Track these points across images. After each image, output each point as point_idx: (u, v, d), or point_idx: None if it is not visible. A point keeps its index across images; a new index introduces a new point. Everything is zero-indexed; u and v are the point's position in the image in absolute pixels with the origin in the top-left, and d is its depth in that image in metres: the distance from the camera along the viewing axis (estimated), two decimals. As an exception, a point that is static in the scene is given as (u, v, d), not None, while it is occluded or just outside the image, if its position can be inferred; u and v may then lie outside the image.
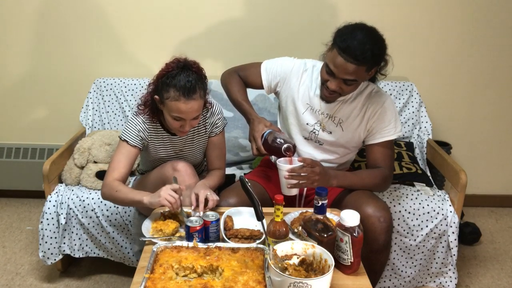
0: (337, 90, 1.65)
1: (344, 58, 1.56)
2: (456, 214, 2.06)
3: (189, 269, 1.27)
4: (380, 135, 1.77)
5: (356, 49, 1.54)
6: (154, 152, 1.87)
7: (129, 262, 2.19)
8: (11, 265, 2.33)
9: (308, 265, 1.25)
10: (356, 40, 1.55)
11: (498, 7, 2.59)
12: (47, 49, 2.70)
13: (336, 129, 1.80)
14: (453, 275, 2.13)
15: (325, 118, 1.80)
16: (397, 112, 1.80)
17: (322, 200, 1.32)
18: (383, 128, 1.76)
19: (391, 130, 1.76)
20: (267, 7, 2.63)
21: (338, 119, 1.79)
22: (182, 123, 1.67)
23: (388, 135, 1.76)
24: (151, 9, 2.61)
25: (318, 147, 1.85)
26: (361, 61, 1.55)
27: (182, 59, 1.67)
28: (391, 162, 1.80)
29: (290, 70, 1.85)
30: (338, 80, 1.62)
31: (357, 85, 1.69)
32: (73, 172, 2.23)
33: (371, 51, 1.55)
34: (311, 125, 1.83)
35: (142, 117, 1.78)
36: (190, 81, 1.61)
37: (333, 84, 1.64)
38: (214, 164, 1.91)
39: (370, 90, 1.79)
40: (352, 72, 1.58)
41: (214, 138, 1.89)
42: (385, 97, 1.78)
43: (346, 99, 1.77)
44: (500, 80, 2.73)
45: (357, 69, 1.57)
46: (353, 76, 1.59)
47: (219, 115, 1.87)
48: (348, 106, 1.78)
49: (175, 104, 1.61)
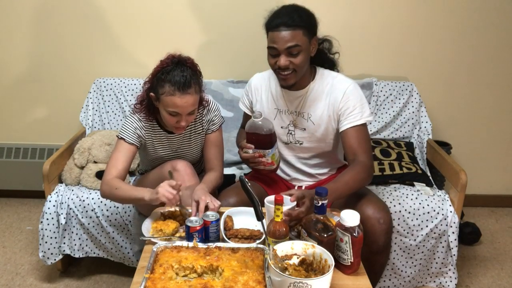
0: (288, 64, 1.65)
1: (277, 30, 1.64)
2: (456, 214, 2.06)
3: (189, 269, 1.27)
4: (347, 121, 1.73)
5: (285, 18, 1.63)
6: (152, 151, 1.87)
7: (129, 262, 2.19)
8: (11, 265, 2.33)
9: (308, 265, 1.26)
10: (281, 13, 1.67)
11: (498, 7, 2.59)
12: (47, 49, 2.70)
13: (308, 124, 1.81)
14: (453, 275, 2.13)
15: (295, 116, 1.83)
16: (363, 97, 1.77)
17: (322, 200, 1.32)
18: (350, 114, 1.72)
19: (358, 115, 1.72)
20: (268, 7, 2.62)
21: (307, 114, 1.80)
22: (178, 119, 1.68)
23: (355, 120, 1.72)
24: (152, 9, 2.61)
25: (299, 148, 1.87)
26: (292, 25, 1.62)
27: (176, 55, 1.69)
28: (367, 145, 1.74)
29: (253, 86, 1.92)
30: (284, 54, 1.64)
31: (305, 55, 1.67)
32: (73, 172, 2.23)
33: (298, 15, 1.64)
34: (285, 127, 1.85)
35: (138, 115, 1.79)
36: (184, 76, 1.63)
37: (281, 60, 1.65)
38: (211, 163, 1.88)
39: (331, 80, 1.78)
40: (290, 38, 1.62)
41: (211, 135, 1.89)
42: (347, 83, 1.76)
43: (309, 91, 1.79)
44: (500, 80, 2.73)
45: (293, 33, 1.62)
46: (293, 41, 1.62)
47: (215, 112, 1.87)
48: (313, 97, 1.79)
49: (170, 99, 1.63)
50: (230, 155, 2.44)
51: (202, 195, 1.58)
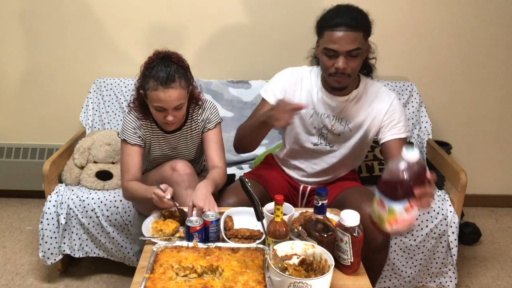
0: (346, 67, 1.61)
1: (340, 30, 1.58)
2: (456, 214, 2.06)
3: (189, 269, 1.27)
4: (391, 132, 1.73)
5: (347, 19, 1.58)
6: (151, 150, 1.89)
7: (129, 262, 2.19)
8: (11, 265, 2.33)
9: (308, 265, 1.25)
10: (342, 13, 1.60)
11: (498, 7, 2.59)
12: (47, 49, 2.70)
13: (345, 130, 1.78)
14: (453, 275, 2.13)
15: (332, 120, 1.78)
16: (405, 112, 1.78)
17: (322, 200, 1.32)
18: (395, 126, 1.73)
19: (402, 128, 1.74)
20: (268, 8, 2.63)
21: (345, 120, 1.77)
22: (165, 114, 1.69)
23: (400, 133, 1.73)
24: (152, 9, 2.61)
25: (328, 151, 1.83)
26: (355, 27, 1.58)
27: (162, 51, 1.71)
28: None
29: (290, 81, 1.82)
30: (343, 55, 1.60)
31: (362, 58, 1.66)
32: (73, 172, 2.23)
33: (360, 15, 1.61)
34: (319, 129, 1.81)
35: (135, 114, 1.81)
36: (168, 71, 1.64)
37: (340, 62, 1.60)
38: (212, 161, 1.86)
39: (376, 90, 1.77)
40: (354, 41, 1.58)
41: (207, 134, 1.88)
42: (393, 96, 1.77)
43: (352, 98, 1.75)
44: (500, 80, 2.73)
45: (356, 36, 1.58)
46: (355, 44, 1.59)
47: (211, 110, 1.87)
48: (355, 104, 1.76)
49: (154, 94, 1.65)
50: (230, 155, 2.44)
51: (200, 201, 1.53)
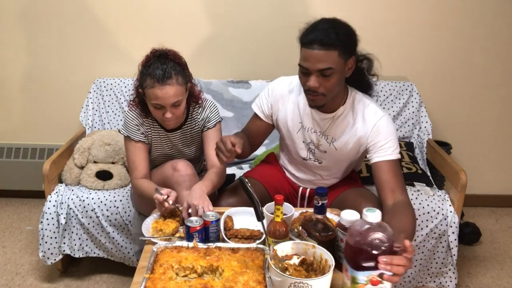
0: (318, 86, 1.54)
1: (311, 48, 1.50)
2: (456, 214, 2.06)
3: (189, 269, 1.27)
4: (378, 154, 1.62)
5: (320, 35, 1.49)
6: (152, 148, 1.89)
7: (129, 262, 2.19)
8: (11, 265, 2.33)
9: (309, 265, 1.25)
10: (318, 29, 1.52)
11: (498, 6, 2.59)
12: (47, 49, 2.70)
13: (330, 148, 1.73)
14: (453, 275, 2.13)
15: (318, 136, 1.74)
16: (395, 132, 1.65)
17: (322, 200, 1.32)
18: (381, 147, 1.62)
19: (389, 149, 1.61)
20: (269, 8, 2.63)
21: (331, 138, 1.71)
22: (163, 111, 1.69)
23: (387, 154, 1.61)
24: (152, 9, 2.61)
25: (317, 167, 1.81)
26: (328, 45, 1.48)
27: (159, 49, 1.72)
28: (403, 181, 1.61)
29: (279, 93, 1.78)
30: (315, 74, 1.52)
31: (338, 77, 1.55)
32: (73, 172, 2.23)
33: (335, 33, 1.49)
34: (307, 144, 1.77)
35: (136, 111, 1.82)
36: (164, 68, 1.65)
37: (311, 81, 1.53)
38: (212, 160, 1.85)
39: (362, 108, 1.67)
40: (324, 60, 1.49)
41: (207, 133, 1.88)
42: (379, 115, 1.64)
43: (338, 115, 1.68)
44: (500, 80, 2.73)
45: (327, 54, 1.49)
46: (326, 63, 1.50)
47: (211, 109, 1.88)
48: (340, 122, 1.69)
49: (152, 91, 1.66)
50: (230, 155, 2.43)
51: (194, 200, 1.54)
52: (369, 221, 1.12)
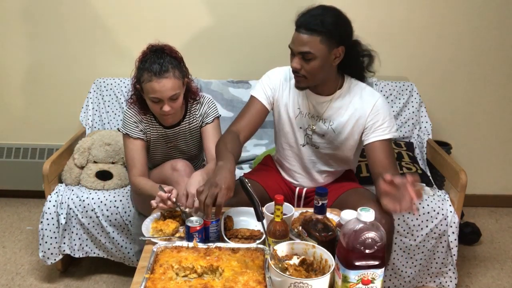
0: (299, 68, 1.60)
1: (298, 31, 1.57)
2: (456, 214, 2.06)
3: (189, 269, 1.26)
4: (375, 134, 1.68)
5: (306, 20, 1.56)
6: (151, 146, 1.90)
7: (129, 262, 2.19)
8: (11, 265, 2.33)
9: (309, 265, 1.25)
10: (307, 14, 1.58)
11: (498, 7, 2.59)
12: (47, 49, 2.70)
13: (328, 131, 1.76)
14: (453, 275, 2.13)
15: (315, 121, 1.77)
16: (391, 112, 1.74)
17: (322, 200, 1.31)
18: (378, 127, 1.68)
19: (386, 129, 1.68)
20: (269, 8, 2.63)
21: (329, 120, 1.75)
22: (161, 105, 1.70)
23: (383, 134, 1.68)
24: (152, 9, 2.61)
25: (316, 152, 1.83)
26: (312, 30, 1.54)
27: (155, 44, 1.75)
28: (395, 160, 1.71)
29: (278, 79, 1.81)
30: (297, 56, 1.59)
31: (320, 63, 1.58)
32: (73, 172, 2.23)
33: (321, 20, 1.54)
34: (304, 129, 1.80)
35: (135, 109, 1.82)
36: (161, 62, 1.68)
37: (294, 62, 1.61)
38: (211, 153, 1.84)
39: (359, 91, 1.73)
40: (305, 43, 1.55)
41: (206, 128, 1.90)
42: (377, 96, 1.71)
43: (335, 98, 1.72)
44: (500, 80, 2.73)
45: (309, 39, 1.55)
46: (306, 47, 1.55)
47: (209, 104, 1.90)
48: (337, 104, 1.73)
49: (149, 85, 1.67)
50: (230, 155, 2.43)
51: (192, 188, 1.54)
52: (363, 220, 1.12)
